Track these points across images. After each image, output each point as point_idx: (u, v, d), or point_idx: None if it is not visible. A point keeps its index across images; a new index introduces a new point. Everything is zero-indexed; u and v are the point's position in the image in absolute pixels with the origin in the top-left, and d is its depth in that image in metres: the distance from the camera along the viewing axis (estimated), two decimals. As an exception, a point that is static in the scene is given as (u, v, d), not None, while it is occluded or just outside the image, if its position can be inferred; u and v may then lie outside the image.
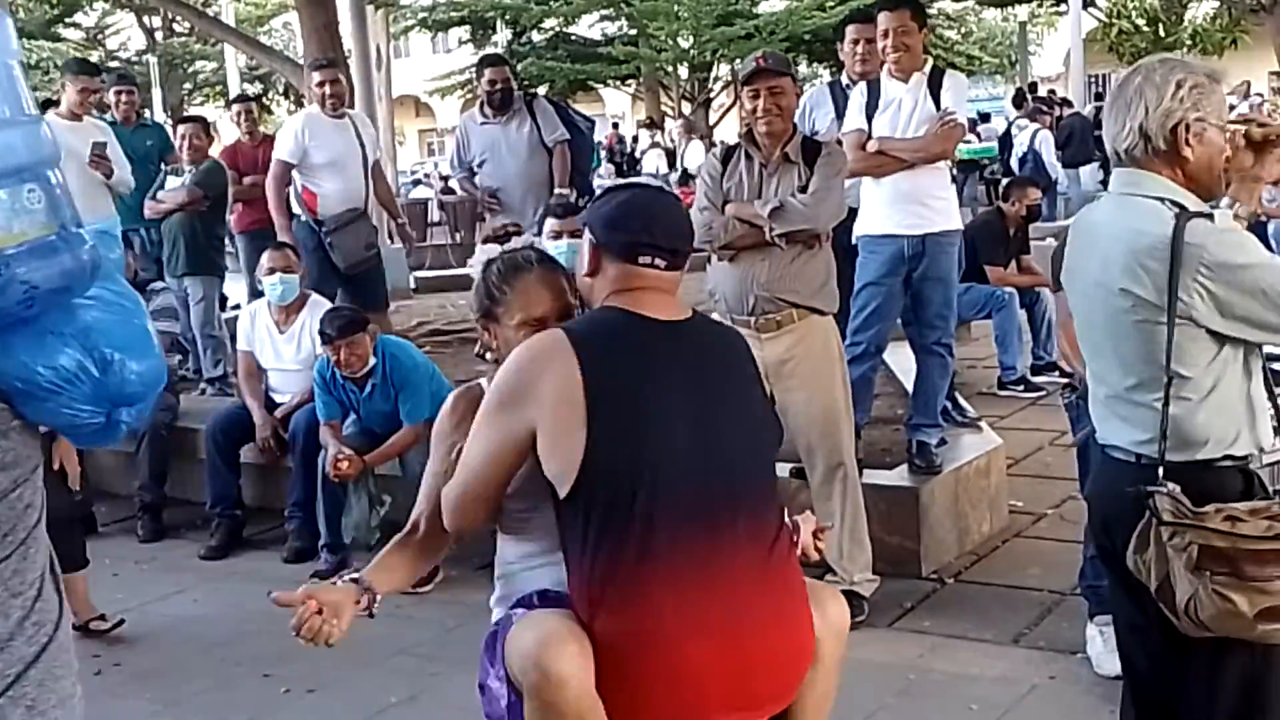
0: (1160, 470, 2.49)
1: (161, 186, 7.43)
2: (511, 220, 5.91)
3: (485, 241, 2.76)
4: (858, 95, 5.25)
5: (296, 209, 6.89)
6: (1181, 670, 2.62)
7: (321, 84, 6.90)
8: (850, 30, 5.86)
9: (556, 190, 6.77)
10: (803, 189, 4.44)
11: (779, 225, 4.42)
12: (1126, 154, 2.56)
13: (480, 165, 6.96)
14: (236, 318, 6.68)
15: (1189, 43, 26.16)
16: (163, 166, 7.72)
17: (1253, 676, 2.56)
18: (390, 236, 8.87)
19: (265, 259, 5.96)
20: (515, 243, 2.80)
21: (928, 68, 5.13)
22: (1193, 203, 2.51)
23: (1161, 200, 2.49)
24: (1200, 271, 2.42)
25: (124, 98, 8.15)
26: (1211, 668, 2.57)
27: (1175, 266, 2.42)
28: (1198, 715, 2.63)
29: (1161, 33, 26.70)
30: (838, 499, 4.59)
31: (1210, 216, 2.46)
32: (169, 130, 9.14)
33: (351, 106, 7.41)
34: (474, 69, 9.09)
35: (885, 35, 5.06)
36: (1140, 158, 2.54)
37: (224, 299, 8.34)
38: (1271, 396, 2.57)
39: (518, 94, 7.06)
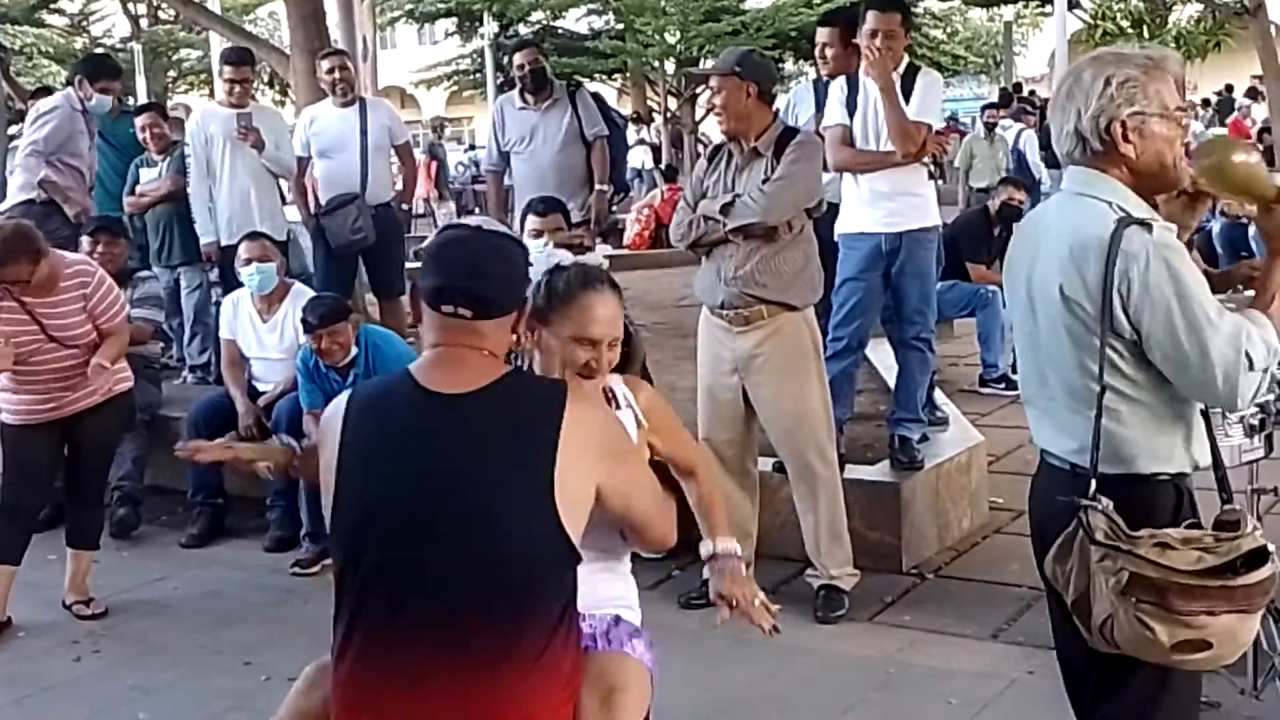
0: (1093, 484, 2.44)
1: (136, 180, 7.39)
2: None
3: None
4: (837, 90, 5.27)
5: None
6: (1096, 664, 2.60)
7: (330, 70, 7.09)
8: (819, 34, 5.90)
9: (596, 186, 6.76)
10: (766, 180, 4.46)
11: (730, 221, 4.46)
12: (1068, 156, 2.53)
13: (516, 152, 6.87)
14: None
15: (1172, 45, 26.25)
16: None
17: (1153, 687, 2.54)
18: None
19: (241, 250, 5.94)
20: (588, 257, 2.75)
21: (902, 67, 5.14)
22: (1140, 207, 2.46)
23: (1109, 204, 2.45)
24: (1123, 281, 2.37)
25: None
26: (1113, 680, 2.56)
27: (1109, 272, 2.37)
28: (1102, 707, 2.63)
29: (1146, 35, 26.78)
30: (809, 494, 4.62)
31: (1149, 227, 2.39)
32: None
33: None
34: (507, 56, 8.93)
35: (874, 35, 5.02)
36: (1082, 159, 2.51)
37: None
38: (1205, 414, 2.53)
39: (558, 83, 7.04)
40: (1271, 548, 2.42)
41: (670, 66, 23.84)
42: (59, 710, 4.19)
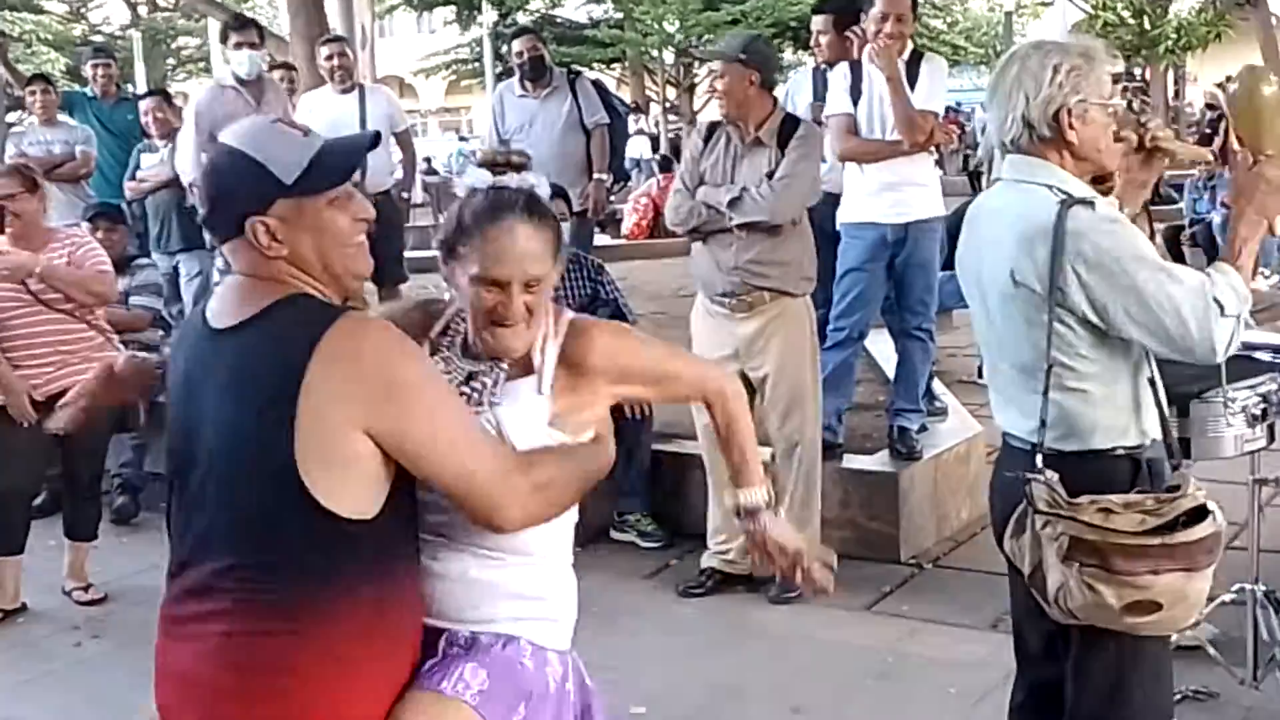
0: (1039, 458, 2.49)
1: (138, 165, 7.39)
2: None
3: (481, 164, 2.19)
4: (839, 78, 5.24)
5: None
6: (1065, 653, 2.65)
7: (330, 57, 7.13)
8: (813, 22, 5.91)
9: (595, 174, 6.74)
10: (770, 174, 4.46)
11: (737, 215, 4.46)
12: (1013, 143, 2.56)
13: (515, 139, 6.81)
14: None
15: (1173, 36, 26.25)
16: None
17: (1119, 669, 2.58)
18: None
19: None
20: (514, 179, 2.16)
21: (906, 53, 5.13)
22: (1081, 189, 2.52)
23: (1050, 187, 2.50)
24: (1077, 259, 2.41)
25: (101, 71, 8.10)
26: (1082, 656, 2.60)
27: (1056, 253, 2.42)
28: (1070, 701, 2.66)
29: (1146, 25, 26.76)
30: (790, 476, 4.65)
31: (1092, 204, 2.45)
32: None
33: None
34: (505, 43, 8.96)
35: (884, 19, 5.02)
36: (1026, 146, 2.55)
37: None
38: (1153, 387, 2.56)
39: (558, 71, 7.01)
40: (1212, 505, 2.47)
41: (669, 56, 23.85)
42: (60, 695, 4.20)
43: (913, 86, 5.05)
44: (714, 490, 4.76)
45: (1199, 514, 2.43)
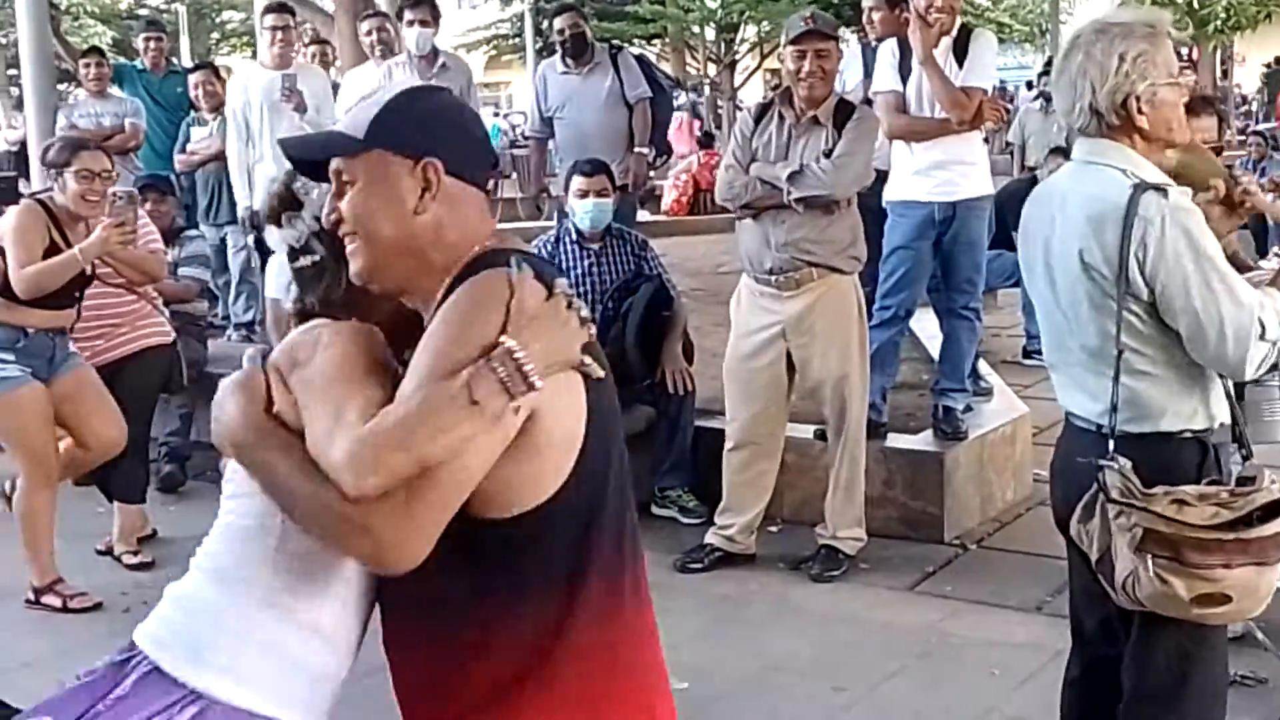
0: (1111, 443, 2.49)
1: (188, 139, 7.44)
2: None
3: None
4: (887, 54, 5.21)
5: None
6: (1125, 637, 2.65)
7: (370, 32, 7.10)
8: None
9: (636, 148, 6.73)
10: (828, 153, 4.45)
11: (797, 190, 4.45)
12: (1081, 130, 2.56)
13: (559, 117, 6.81)
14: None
15: (1222, 15, 25.87)
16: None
17: (1181, 652, 2.58)
18: None
19: None
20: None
21: (954, 28, 5.09)
22: (1155, 174, 2.51)
23: (1124, 171, 2.49)
24: (1140, 246, 2.42)
25: (152, 45, 8.16)
26: (1145, 639, 2.60)
27: (1126, 237, 2.42)
28: (1131, 682, 2.65)
29: (1195, 4, 26.38)
30: (836, 454, 4.65)
31: (1165, 192, 2.44)
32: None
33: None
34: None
35: None
36: (1095, 133, 2.54)
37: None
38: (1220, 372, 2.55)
39: (600, 46, 6.97)
40: None
41: (710, 32, 23.69)
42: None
43: (961, 63, 5.01)
44: (729, 467, 4.74)
45: (1274, 508, 2.42)
